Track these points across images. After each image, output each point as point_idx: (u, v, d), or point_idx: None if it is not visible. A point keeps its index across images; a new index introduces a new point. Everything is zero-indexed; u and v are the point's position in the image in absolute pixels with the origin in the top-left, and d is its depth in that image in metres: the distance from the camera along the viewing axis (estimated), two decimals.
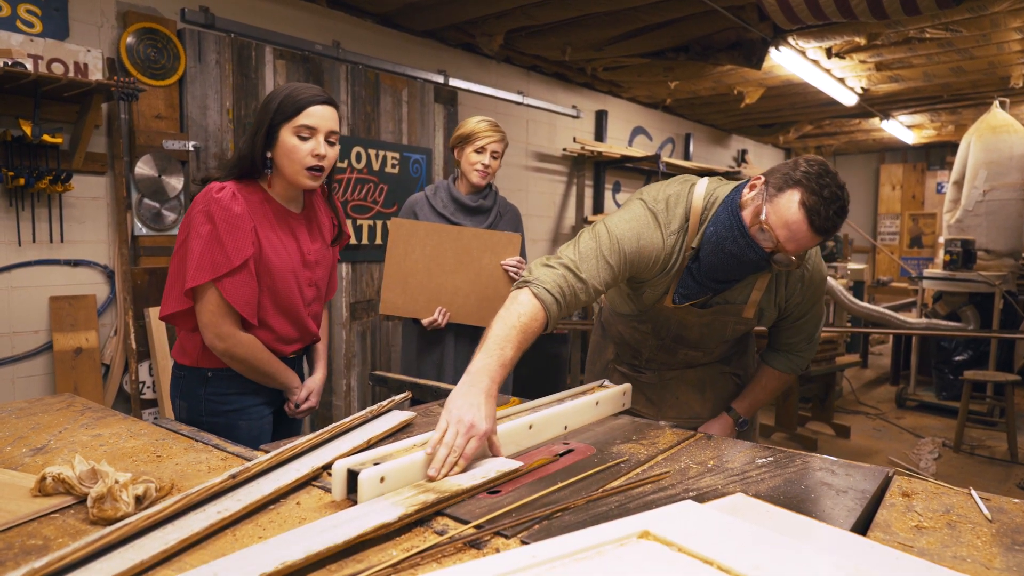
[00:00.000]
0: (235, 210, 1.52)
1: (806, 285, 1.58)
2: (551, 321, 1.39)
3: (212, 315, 1.55)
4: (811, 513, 1.02)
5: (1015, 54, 5.37)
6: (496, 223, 2.44)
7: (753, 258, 1.39)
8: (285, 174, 1.57)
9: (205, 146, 3.44)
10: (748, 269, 1.46)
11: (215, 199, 1.52)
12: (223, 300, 1.54)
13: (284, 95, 1.54)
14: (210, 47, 3.43)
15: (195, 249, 1.52)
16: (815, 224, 1.31)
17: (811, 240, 1.34)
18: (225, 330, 1.57)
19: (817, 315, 1.69)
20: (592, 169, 6.56)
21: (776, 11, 3.19)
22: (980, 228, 5.09)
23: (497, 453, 1.19)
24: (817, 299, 1.64)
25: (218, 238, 1.51)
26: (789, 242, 1.34)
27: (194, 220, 1.54)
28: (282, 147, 1.53)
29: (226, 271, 1.52)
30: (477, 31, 4.69)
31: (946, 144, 10.38)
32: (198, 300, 1.56)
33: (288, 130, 1.52)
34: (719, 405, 1.81)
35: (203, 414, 1.66)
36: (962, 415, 4.11)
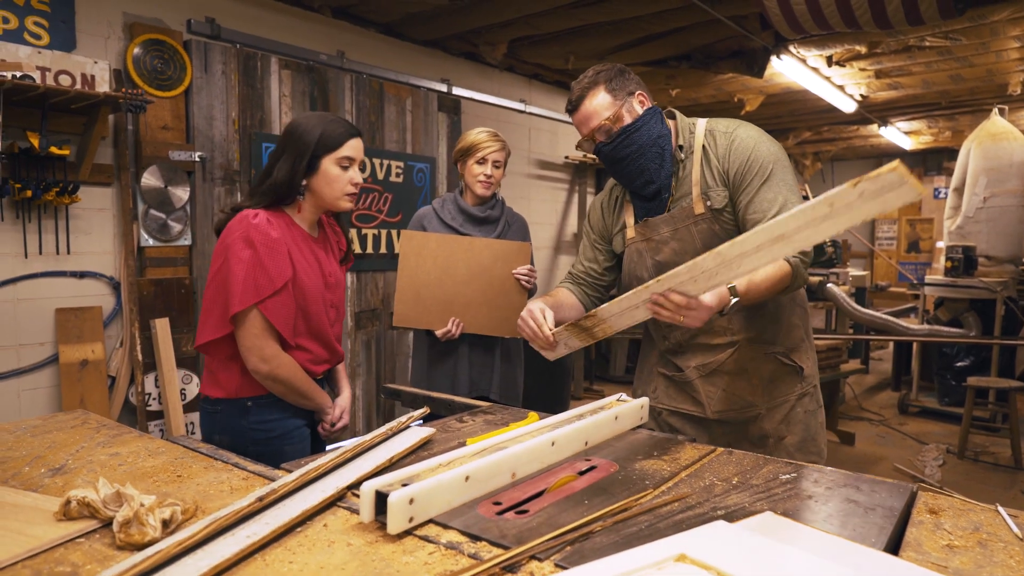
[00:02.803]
0: (272, 235, 1.59)
1: (736, 150, 1.67)
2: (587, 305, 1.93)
3: (255, 338, 1.58)
4: (841, 532, 1.02)
5: (1013, 62, 5.40)
6: (504, 233, 2.44)
7: (597, 154, 1.74)
8: (324, 199, 1.66)
9: (211, 157, 3.44)
10: (614, 165, 1.74)
11: (253, 225, 1.58)
12: (266, 322, 1.58)
13: (323, 128, 1.63)
14: (216, 58, 3.43)
15: (238, 274, 1.55)
16: (568, 110, 1.75)
17: (577, 118, 1.71)
18: (268, 352, 1.59)
19: (778, 187, 1.62)
20: (594, 176, 6.57)
21: (780, 21, 3.20)
22: (981, 234, 5.10)
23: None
24: (764, 167, 1.63)
25: (260, 262, 1.56)
26: (579, 130, 1.73)
27: (232, 247, 1.58)
28: (324, 176, 1.63)
29: (269, 293, 1.57)
30: (480, 40, 4.70)
31: (943, 150, 10.44)
32: (240, 324, 1.58)
33: (330, 160, 1.63)
34: (770, 388, 1.75)
35: (248, 444, 1.65)
36: (966, 422, 4.11)
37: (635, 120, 1.67)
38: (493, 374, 2.35)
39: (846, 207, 1.12)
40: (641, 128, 1.67)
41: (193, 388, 3.45)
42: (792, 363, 1.77)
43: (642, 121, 1.68)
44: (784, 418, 1.77)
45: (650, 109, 1.70)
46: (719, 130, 1.73)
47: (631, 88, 1.69)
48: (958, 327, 5.10)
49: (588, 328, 1.60)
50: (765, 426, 1.76)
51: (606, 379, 6.38)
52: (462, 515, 1.06)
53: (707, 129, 1.73)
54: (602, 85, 1.67)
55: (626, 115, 1.67)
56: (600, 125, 1.67)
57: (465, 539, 0.99)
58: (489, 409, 1.78)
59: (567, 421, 1.45)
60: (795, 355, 1.78)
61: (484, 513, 1.07)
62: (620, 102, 1.67)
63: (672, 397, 1.86)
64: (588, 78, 1.70)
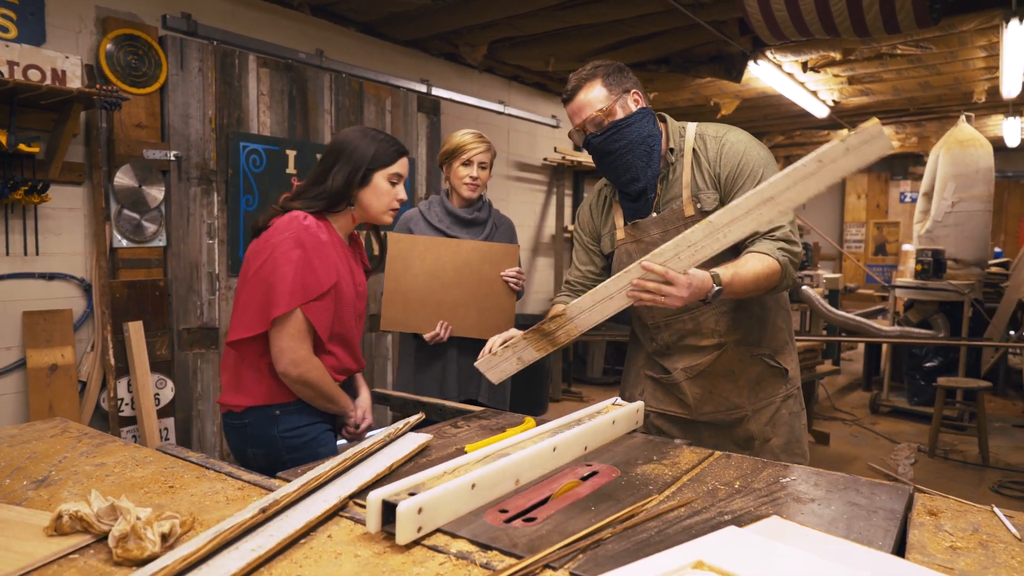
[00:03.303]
0: (322, 238, 1.61)
1: (726, 154, 1.69)
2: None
3: (291, 339, 1.57)
4: (848, 535, 1.03)
5: (979, 71, 5.55)
6: (492, 235, 2.43)
7: (586, 146, 1.76)
8: (369, 211, 1.72)
9: (187, 156, 3.36)
10: (602, 159, 1.75)
11: (304, 226, 1.59)
12: (306, 325, 1.58)
13: (378, 145, 1.69)
14: (192, 54, 3.35)
15: (287, 274, 1.55)
16: (564, 99, 1.75)
17: (571, 108, 1.72)
18: (301, 355, 1.58)
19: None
20: (571, 178, 6.59)
21: (762, 27, 3.24)
22: (949, 238, 5.24)
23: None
24: (755, 170, 1.66)
25: (309, 263, 1.57)
26: (572, 120, 1.74)
27: (280, 246, 1.57)
28: (374, 189, 1.70)
29: (315, 295, 1.57)
30: (461, 41, 4.68)
31: (909, 155, 10.69)
32: (278, 325, 1.57)
33: (383, 175, 1.70)
34: (756, 390, 1.77)
35: (283, 453, 1.63)
36: (936, 421, 4.21)
37: (627, 116, 1.69)
38: (482, 378, 2.33)
39: (832, 162, 1.26)
40: (632, 125, 1.69)
41: (168, 393, 3.37)
42: (777, 365, 1.79)
43: (634, 118, 1.69)
44: (770, 420, 1.79)
45: (643, 109, 1.72)
46: (709, 134, 1.75)
47: (627, 86, 1.71)
48: (927, 328, 5.23)
49: (551, 332, 1.57)
50: (751, 428, 1.78)
51: (584, 381, 6.40)
52: (469, 524, 1.04)
53: (697, 133, 1.75)
54: (599, 79, 1.69)
55: (619, 110, 1.69)
56: (592, 116, 1.69)
57: (475, 548, 0.98)
58: (483, 414, 1.77)
59: (567, 426, 1.44)
60: (780, 357, 1.80)
61: (491, 521, 1.06)
62: (614, 97, 1.69)
63: (659, 399, 1.87)
64: (587, 70, 1.72)
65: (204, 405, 3.51)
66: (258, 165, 3.62)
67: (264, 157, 3.65)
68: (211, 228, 3.49)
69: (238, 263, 3.58)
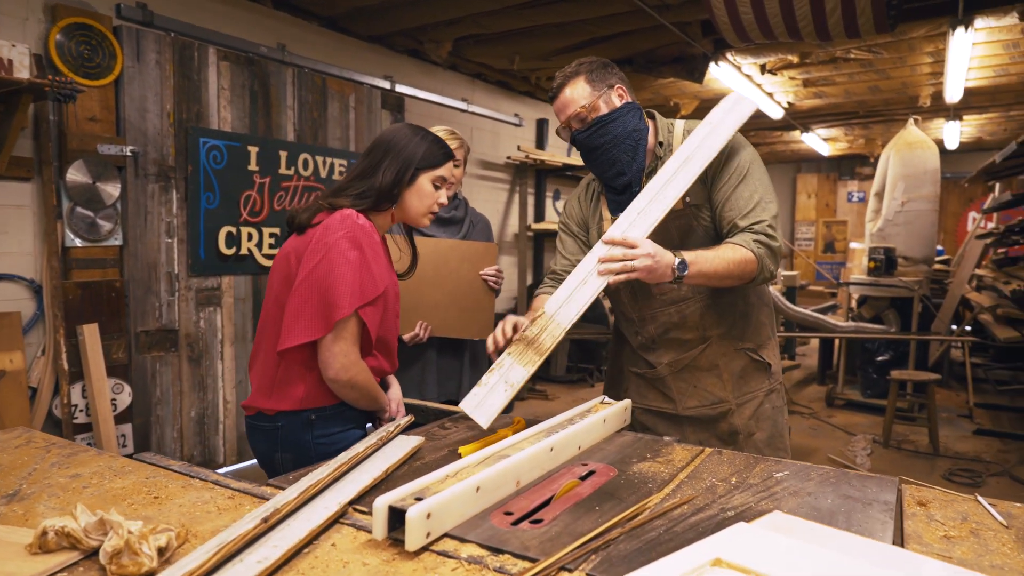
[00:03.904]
0: (376, 238, 1.57)
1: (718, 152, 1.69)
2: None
3: (345, 343, 1.50)
4: (850, 528, 1.05)
5: (925, 76, 5.79)
6: (469, 233, 2.41)
7: (573, 142, 1.77)
8: (410, 212, 1.67)
9: (144, 151, 3.23)
10: (588, 154, 1.77)
11: (360, 226, 1.53)
12: (359, 328, 1.53)
13: (427, 146, 1.64)
14: (149, 46, 3.23)
15: (345, 275, 1.47)
16: (549, 97, 1.77)
17: (556, 105, 1.74)
18: (353, 359, 1.53)
19: (755, 185, 1.69)
20: (534, 177, 6.59)
21: (728, 29, 3.30)
22: (899, 236, 5.44)
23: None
24: (741, 166, 1.69)
25: (367, 264, 1.51)
26: (557, 117, 1.76)
27: (336, 246, 1.49)
28: (418, 190, 1.65)
29: (372, 298, 1.52)
30: (425, 38, 4.63)
31: (856, 156, 11.07)
32: (334, 328, 1.49)
33: (428, 177, 1.65)
34: (740, 384, 1.80)
35: (312, 459, 1.54)
36: (890, 413, 4.37)
37: (611, 111, 1.70)
38: (462, 378, 2.31)
39: (720, 122, 1.68)
40: (616, 120, 1.70)
41: (125, 398, 3.24)
42: (761, 359, 1.82)
43: (618, 113, 1.70)
44: (753, 414, 1.82)
45: (628, 103, 1.73)
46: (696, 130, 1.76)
47: (612, 81, 1.72)
48: (880, 323, 5.42)
49: (534, 339, 1.52)
50: (735, 422, 1.81)
51: (548, 379, 6.42)
52: (476, 527, 1.03)
53: (685, 129, 1.78)
54: (583, 75, 1.70)
55: (603, 106, 1.70)
56: (576, 113, 1.70)
57: (486, 552, 0.96)
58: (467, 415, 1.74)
59: (560, 426, 1.43)
60: (763, 351, 1.83)
61: (498, 524, 1.04)
62: (598, 93, 1.69)
63: (643, 395, 1.88)
64: (571, 68, 1.73)
65: (163, 410, 3.39)
66: (219, 162, 3.51)
67: (225, 153, 3.54)
68: (170, 227, 3.37)
69: (198, 262, 3.47)
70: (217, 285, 3.59)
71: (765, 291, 1.89)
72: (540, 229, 6.44)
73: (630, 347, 1.91)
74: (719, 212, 1.72)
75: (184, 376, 3.47)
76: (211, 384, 3.59)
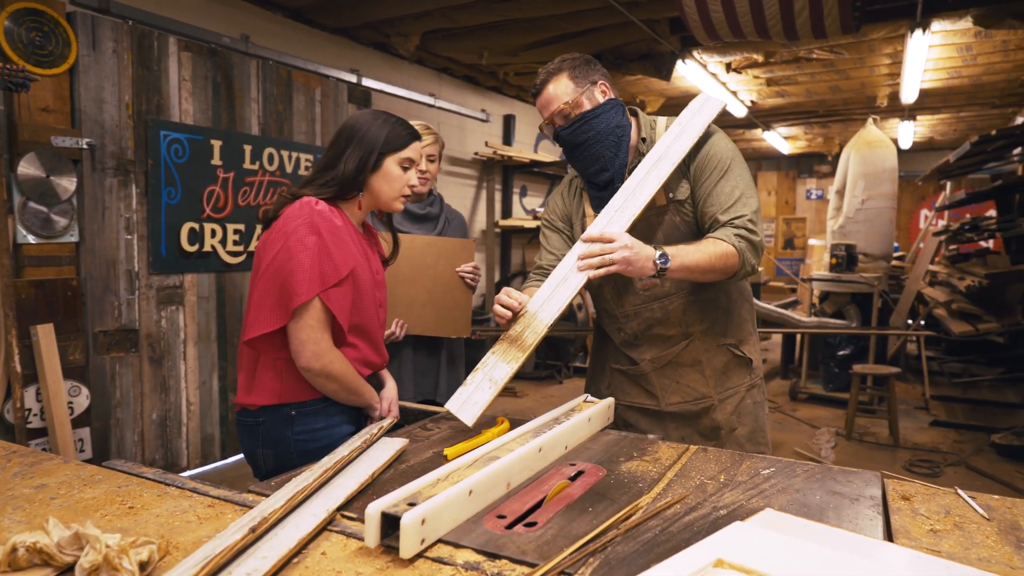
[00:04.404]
0: (337, 223, 1.53)
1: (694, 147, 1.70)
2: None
3: (312, 330, 1.47)
4: (841, 524, 1.06)
5: (883, 76, 5.94)
6: (445, 230, 2.38)
7: (556, 138, 1.77)
8: (380, 198, 1.64)
9: (102, 144, 3.11)
10: (571, 151, 1.76)
11: (318, 211, 1.50)
12: (325, 314, 1.49)
13: (390, 128, 1.62)
14: (106, 34, 3.10)
15: (303, 261, 1.46)
16: (532, 94, 1.77)
17: (540, 102, 1.73)
18: (324, 346, 1.49)
19: (736, 180, 1.69)
20: (501, 173, 6.57)
21: (698, 27, 3.32)
22: (859, 234, 5.58)
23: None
24: (723, 161, 1.70)
25: (326, 249, 1.48)
26: (541, 113, 1.75)
27: (295, 233, 1.48)
28: (385, 175, 1.62)
29: (334, 282, 1.49)
30: (392, 31, 4.56)
31: (814, 155, 11.33)
32: (297, 316, 1.47)
33: (394, 160, 1.62)
34: (722, 380, 1.81)
35: (294, 456, 1.53)
36: (852, 406, 4.48)
37: (594, 107, 1.70)
38: (439, 377, 2.28)
39: (688, 122, 1.72)
40: (599, 116, 1.70)
41: (83, 401, 3.12)
42: (743, 354, 1.83)
43: (601, 109, 1.70)
44: (735, 409, 1.83)
45: (611, 100, 1.73)
46: None
47: (595, 77, 1.71)
48: (841, 318, 5.55)
49: (517, 336, 1.52)
50: (717, 417, 1.82)
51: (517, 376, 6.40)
52: (470, 532, 1.00)
53: (667, 125, 1.77)
54: (566, 72, 1.70)
55: (586, 102, 1.70)
56: (559, 109, 1.70)
57: (483, 558, 0.94)
58: (451, 415, 1.71)
59: (546, 426, 1.42)
60: (745, 347, 1.85)
61: (492, 528, 1.02)
62: (581, 89, 1.69)
63: (626, 391, 1.88)
64: (554, 64, 1.73)
65: (123, 413, 3.27)
66: (181, 155, 3.40)
67: (187, 147, 3.43)
68: (129, 222, 3.25)
69: (159, 259, 3.36)
70: (179, 283, 3.48)
71: (745, 286, 1.91)
72: (507, 226, 6.43)
73: (612, 344, 1.91)
74: (701, 207, 1.73)
75: (145, 377, 3.36)
76: (173, 385, 3.48)
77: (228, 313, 3.72)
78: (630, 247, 1.51)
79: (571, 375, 6.67)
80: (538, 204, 7.40)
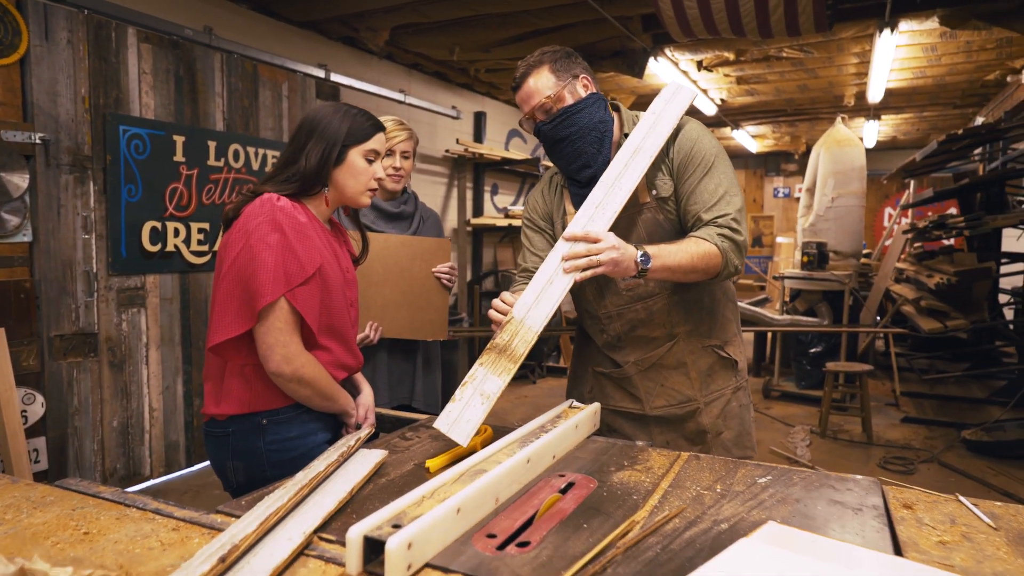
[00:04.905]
0: (300, 219, 1.45)
1: (680, 142, 1.67)
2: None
3: (280, 333, 1.39)
4: (846, 536, 1.01)
5: (850, 76, 6.01)
6: (420, 229, 2.30)
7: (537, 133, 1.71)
8: (346, 192, 1.56)
9: (56, 139, 2.96)
10: (553, 146, 1.70)
11: (279, 207, 1.42)
12: (293, 315, 1.40)
13: (352, 120, 1.54)
14: (60, 23, 2.95)
15: (266, 260, 1.37)
16: (512, 87, 1.70)
17: (520, 96, 1.67)
18: (293, 349, 1.40)
19: (720, 177, 1.65)
20: (472, 171, 6.49)
21: (673, 23, 3.29)
22: (830, 232, 5.63)
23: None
24: (707, 158, 1.66)
25: (290, 246, 1.40)
26: (521, 107, 1.69)
27: (256, 231, 1.39)
28: (350, 168, 1.54)
29: (300, 281, 1.40)
30: (362, 25, 4.45)
31: (781, 153, 11.47)
32: (263, 319, 1.38)
33: (358, 152, 1.55)
34: (707, 382, 1.77)
35: (266, 468, 1.44)
36: (826, 404, 4.50)
37: (576, 102, 1.64)
38: (415, 382, 2.20)
39: (662, 111, 1.67)
40: (582, 111, 1.64)
41: (37, 409, 2.96)
42: (728, 356, 1.79)
43: (584, 104, 1.65)
44: (721, 412, 1.79)
45: (593, 94, 1.67)
46: None
47: (576, 71, 1.66)
48: (813, 316, 5.60)
49: (506, 346, 1.43)
50: (703, 421, 1.77)
51: None
52: (460, 554, 0.94)
53: None
54: (547, 65, 1.64)
55: (568, 96, 1.64)
56: (541, 104, 1.64)
57: None
58: (430, 423, 1.64)
59: (532, 435, 1.35)
60: (729, 348, 1.81)
61: (482, 549, 0.95)
62: (563, 83, 1.64)
63: (609, 395, 1.83)
64: (534, 57, 1.66)
65: (82, 421, 3.12)
66: (141, 151, 3.25)
67: (148, 143, 3.28)
68: (87, 221, 3.10)
69: (119, 260, 3.21)
70: (141, 284, 3.33)
71: (729, 286, 1.87)
72: (479, 224, 6.35)
73: (595, 345, 1.85)
74: (684, 205, 1.68)
75: (105, 383, 3.21)
76: (135, 391, 3.33)
77: (193, 315, 3.58)
78: (617, 248, 1.46)
79: (544, 375, 6.62)
80: (509, 202, 7.34)
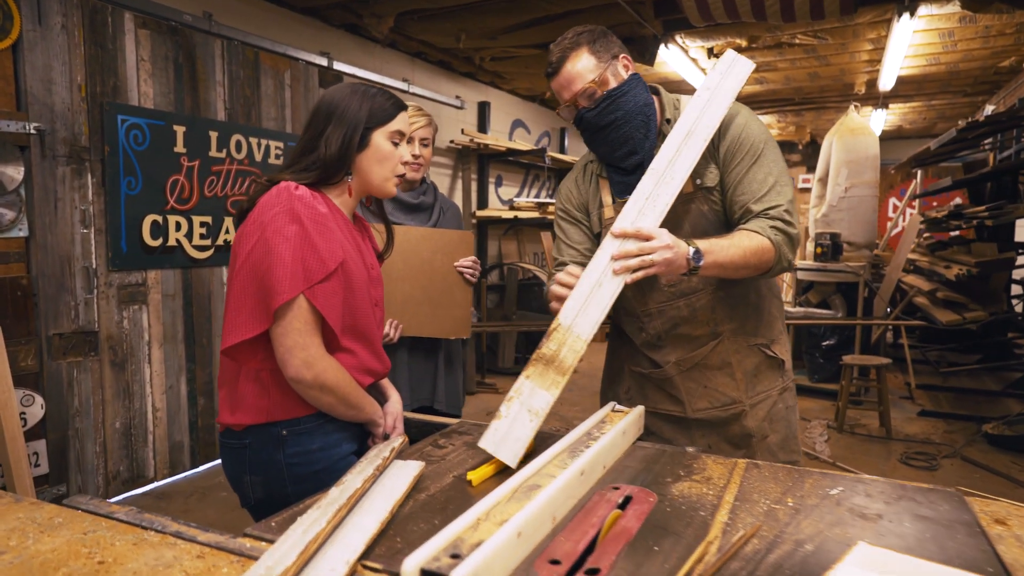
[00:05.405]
0: (321, 210, 1.32)
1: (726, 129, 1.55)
2: None
3: (299, 334, 1.27)
4: (945, 558, 0.91)
5: (863, 63, 5.89)
6: (440, 220, 2.19)
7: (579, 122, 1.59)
8: (371, 180, 1.42)
9: (52, 129, 2.83)
10: (593, 134, 1.59)
11: (297, 196, 1.29)
12: (313, 315, 1.28)
13: (372, 99, 1.40)
14: (53, 8, 2.82)
15: (283, 254, 1.25)
16: (548, 73, 1.56)
17: (558, 82, 1.53)
18: (314, 352, 1.28)
19: (769, 166, 1.54)
20: (476, 162, 6.37)
21: (692, 8, 3.18)
22: (843, 222, 5.53)
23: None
24: (755, 146, 1.55)
25: (309, 239, 1.27)
26: (560, 95, 1.56)
27: (272, 223, 1.27)
28: (375, 152, 1.41)
29: (320, 277, 1.28)
30: (366, 11, 4.32)
31: (785, 143, 11.34)
32: (280, 318, 1.26)
33: (382, 135, 1.41)
34: (753, 383, 1.66)
35: (287, 484, 1.33)
36: (844, 398, 4.42)
37: (621, 84, 1.53)
38: (436, 382, 2.10)
39: (717, 87, 1.51)
40: (628, 93, 1.53)
41: (37, 411, 2.85)
42: (775, 355, 1.69)
43: (628, 86, 1.53)
44: (767, 415, 1.69)
45: (635, 75, 1.57)
46: None
47: (615, 51, 1.54)
48: (827, 308, 5.51)
49: (553, 356, 1.32)
50: (748, 424, 1.67)
51: (496, 371, 6.25)
52: None
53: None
54: (585, 46, 1.51)
55: (611, 79, 1.52)
56: (584, 89, 1.51)
57: None
58: (462, 428, 1.54)
59: (580, 443, 1.25)
60: (776, 347, 1.71)
61: None
62: (605, 64, 1.52)
63: (647, 396, 1.73)
64: (569, 39, 1.53)
65: (83, 422, 3.01)
66: (141, 142, 3.13)
67: (147, 133, 3.16)
68: (85, 215, 2.98)
69: (120, 255, 3.09)
70: (142, 280, 3.22)
71: (775, 282, 1.77)
72: (484, 216, 6.24)
73: (631, 344, 1.75)
74: (731, 195, 1.58)
75: (107, 383, 3.10)
76: (138, 391, 3.22)
77: (196, 312, 3.47)
78: (671, 247, 1.35)
79: None
80: (514, 194, 7.22)
